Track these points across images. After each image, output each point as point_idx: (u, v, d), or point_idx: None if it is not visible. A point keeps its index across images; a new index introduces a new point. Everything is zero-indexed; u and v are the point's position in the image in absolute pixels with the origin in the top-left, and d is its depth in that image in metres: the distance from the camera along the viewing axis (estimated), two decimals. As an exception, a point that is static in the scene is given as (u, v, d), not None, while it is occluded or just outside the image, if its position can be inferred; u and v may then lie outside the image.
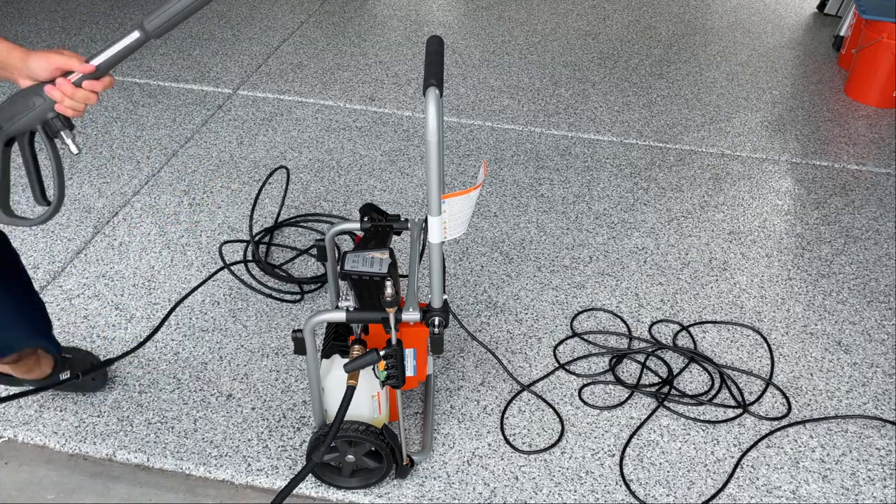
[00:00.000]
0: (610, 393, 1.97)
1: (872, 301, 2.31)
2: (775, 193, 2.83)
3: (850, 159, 3.06)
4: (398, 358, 1.43)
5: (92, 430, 1.80)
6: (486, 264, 2.39)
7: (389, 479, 1.70)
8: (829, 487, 1.75)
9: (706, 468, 1.78)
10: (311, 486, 1.69)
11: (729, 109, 3.40)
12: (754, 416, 1.91)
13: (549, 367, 2.03)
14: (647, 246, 2.51)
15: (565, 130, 3.17)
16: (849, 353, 2.12)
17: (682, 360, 2.07)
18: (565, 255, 2.44)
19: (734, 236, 2.57)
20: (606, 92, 3.50)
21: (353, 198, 2.67)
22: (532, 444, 1.82)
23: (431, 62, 1.29)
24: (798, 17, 4.49)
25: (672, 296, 2.29)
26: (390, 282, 1.38)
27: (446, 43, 3.89)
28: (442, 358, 2.03)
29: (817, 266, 2.45)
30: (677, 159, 3.01)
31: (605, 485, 1.73)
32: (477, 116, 3.25)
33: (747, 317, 2.22)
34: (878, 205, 2.78)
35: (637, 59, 3.85)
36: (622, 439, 1.84)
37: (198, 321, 2.12)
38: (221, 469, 1.72)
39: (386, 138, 3.05)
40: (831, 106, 3.48)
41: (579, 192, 2.77)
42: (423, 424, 1.84)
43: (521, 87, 3.50)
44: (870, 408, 1.95)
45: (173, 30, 1.18)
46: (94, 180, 2.71)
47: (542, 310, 2.22)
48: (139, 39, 1.18)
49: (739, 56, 3.94)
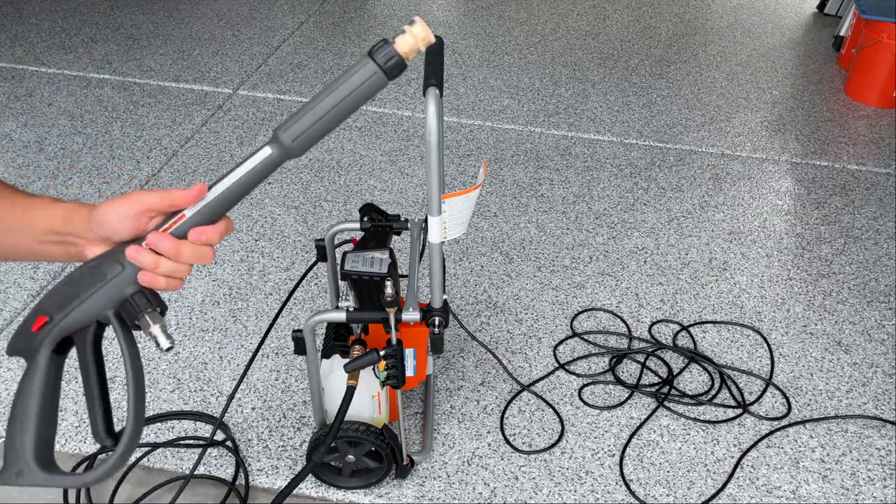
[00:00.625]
0: (610, 393, 1.97)
1: (872, 301, 2.31)
2: (775, 193, 2.83)
3: (850, 159, 3.06)
4: (398, 358, 1.43)
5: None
6: (486, 264, 2.39)
7: (389, 479, 1.70)
8: (829, 487, 1.75)
9: (706, 468, 1.78)
10: (312, 486, 1.69)
11: (729, 109, 3.40)
12: (754, 416, 1.91)
13: (549, 367, 2.03)
14: (647, 246, 2.51)
15: (565, 130, 3.17)
16: (849, 352, 2.12)
17: (682, 361, 2.07)
18: (565, 255, 2.44)
19: (734, 236, 2.57)
20: (606, 92, 3.50)
21: (353, 198, 2.67)
22: (532, 445, 1.82)
23: (431, 62, 1.29)
24: (798, 17, 4.49)
25: (672, 296, 2.29)
26: (390, 282, 1.38)
27: (446, 43, 3.88)
28: (442, 358, 2.03)
29: (817, 266, 2.45)
30: (677, 159, 3.01)
31: (605, 485, 1.73)
32: (477, 116, 3.25)
33: (747, 317, 2.22)
34: (878, 205, 2.78)
35: (637, 59, 3.85)
36: (622, 439, 1.84)
37: (198, 321, 2.12)
38: (222, 469, 1.72)
39: (386, 138, 3.05)
40: (831, 106, 3.48)
41: (579, 192, 2.77)
42: (423, 424, 1.84)
43: (521, 87, 3.50)
44: (870, 408, 1.95)
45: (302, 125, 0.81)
46: (94, 180, 2.71)
47: (542, 310, 2.22)
48: (273, 157, 0.80)
49: (739, 56, 3.94)
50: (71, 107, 3.17)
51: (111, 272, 0.77)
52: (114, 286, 0.77)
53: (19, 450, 0.77)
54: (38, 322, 0.77)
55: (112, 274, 0.77)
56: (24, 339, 0.78)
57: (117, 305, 0.78)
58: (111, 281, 0.77)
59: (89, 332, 0.78)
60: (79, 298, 0.77)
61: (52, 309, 0.77)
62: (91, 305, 0.77)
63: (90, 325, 0.78)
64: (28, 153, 2.85)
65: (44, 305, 0.78)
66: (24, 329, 0.79)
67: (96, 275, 0.77)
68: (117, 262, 0.77)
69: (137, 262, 0.76)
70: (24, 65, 3.50)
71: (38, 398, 0.77)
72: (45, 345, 0.78)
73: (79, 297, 0.77)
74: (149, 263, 0.76)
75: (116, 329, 0.78)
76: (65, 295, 0.77)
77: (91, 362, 0.79)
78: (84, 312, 0.77)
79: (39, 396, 0.78)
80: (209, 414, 1.84)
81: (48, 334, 0.77)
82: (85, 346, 0.79)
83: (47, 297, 0.78)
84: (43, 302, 0.78)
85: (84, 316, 0.77)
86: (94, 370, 0.80)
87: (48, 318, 0.77)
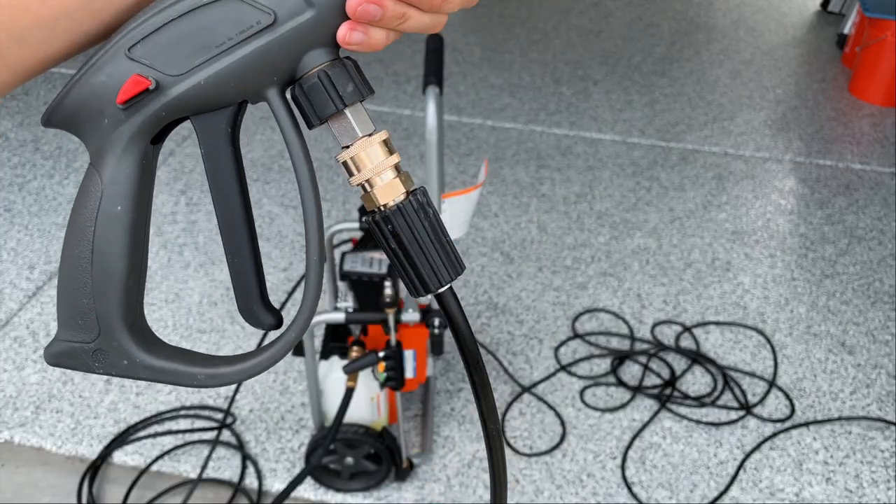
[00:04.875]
0: (612, 395, 1.95)
1: (877, 302, 2.29)
2: (779, 193, 2.81)
3: (854, 158, 3.04)
4: (397, 360, 1.42)
5: (89, 431, 1.78)
6: (486, 265, 2.37)
7: (389, 482, 1.68)
8: (833, 490, 1.73)
9: (709, 471, 1.76)
10: (310, 488, 1.67)
11: (732, 108, 3.38)
12: (757, 418, 1.89)
13: (550, 369, 2.01)
14: (650, 246, 2.49)
15: (567, 129, 3.15)
16: (853, 354, 2.10)
17: (685, 362, 2.05)
18: (567, 256, 2.42)
19: (737, 236, 2.55)
20: (608, 90, 3.48)
21: (353, 197, 2.65)
22: (533, 447, 1.80)
23: (431, 60, 1.27)
24: (801, 14, 4.47)
25: (675, 296, 2.27)
26: (389, 282, 1.36)
27: (446, 40, 3.86)
28: (442, 359, 2.02)
29: (821, 266, 2.43)
30: (680, 158, 2.99)
31: (607, 488, 1.72)
32: (477, 115, 3.23)
33: (750, 318, 2.21)
34: (882, 204, 2.76)
35: (639, 57, 3.83)
36: (624, 442, 1.82)
37: (195, 322, 2.11)
38: (219, 471, 1.71)
39: (386, 137, 3.03)
40: (835, 104, 3.46)
41: (581, 191, 2.75)
42: (423, 427, 1.82)
43: (522, 86, 3.48)
44: (873, 409, 1.93)
45: None
46: (92, 179, 2.70)
47: (544, 311, 2.20)
48: None
49: (742, 54, 3.91)
50: (69, 105, 3.15)
51: (282, 10, 0.40)
52: (286, 42, 0.41)
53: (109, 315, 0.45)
54: (136, 86, 0.41)
55: (280, 12, 0.40)
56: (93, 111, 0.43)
57: (292, 77, 0.43)
58: (280, 29, 0.40)
59: (222, 117, 0.43)
60: (214, 53, 0.41)
61: (160, 64, 0.41)
62: (237, 73, 0.41)
63: (230, 106, 0.43)
64: (24, 152, 2.84)
65: (139, 54, 0.41)
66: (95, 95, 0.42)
67: (241, 10, 0.40)
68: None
69: (357, 14, 0.40)
70: (23, 63, 3.48)
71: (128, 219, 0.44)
72: (138, 130, 0.43)
73: (214, 49, 0.41)
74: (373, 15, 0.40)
75: (280, 120, 0.43)
76: (181, 44, 0.41)
77: (230, 173, 0.44)
78: (226, 80, 0.41)
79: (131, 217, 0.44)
80: (215, 407, 1.83)
81: (150, 112, 0.42)
82: (217, 142, 0.44)
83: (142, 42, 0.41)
84: (137, 48, 0.41)
85: (225, 88, 0.42)
86: (236, 186, 0.45)
87: (153, 82, 0.41)
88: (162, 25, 0.40)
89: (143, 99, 0.42)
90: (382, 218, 0.44)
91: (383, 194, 0.45)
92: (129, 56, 0.41)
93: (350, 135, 0.44)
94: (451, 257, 0.46)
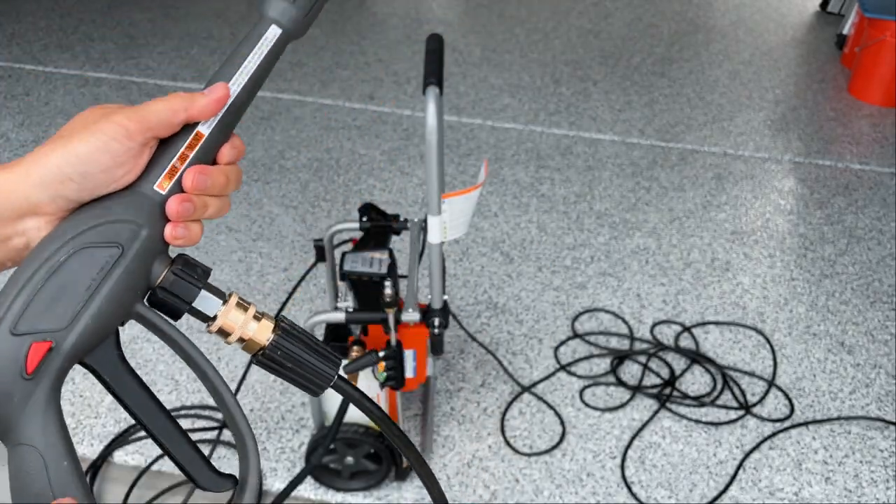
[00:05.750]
0: (611, 394, 1.95)
1: (876, 302, 2.29)
2: (778, 193, 2.81)
3: (853, 158, 3.04)
4: (397, 359, 1.42)
5: (90, 431, 1.78)
6: (486, 264, 2.37)
7: (388, 481, 1.68)
8: (832, 489, 1.74)
9: (708, 470, 1.77)
10: (311, 488, 1.67)
11: (731, 108, 3.39)
12: (757, 418, 1.89)
13: (550, 369, 2.01)
14: (649, 246, 2.49)
15: (566, 129, 3.15)
16: (852, 353, 2.10)
17: (685, 362, 2.05)
18: (566, 256, 2.43)
19: (737, 236, 2.56)
20: (608, 90, 3.48)
21: (353, 197, 2.65)
22: (533, 447, 1.80)
23: (431, 60, 1.28)
24: (801, 15, 4.47)
25: (674, 296, 2.27)
26: (390, 282, 1.36)
27: (446, 41, 3.86)
28: (442, 359, 2.02)
29: (820, 266, 2.44)
30: (679, 158, 2.99)
31: (607, 487, 1.72)
32: (477, 115, 3.23)
33: (750, 317, 2.21)
34: (881, 204, 2.76)
35: (639, 58, 3.83)
36: (624, 441, 1.83)
37: (195, 322, 2.10)
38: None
39: (385, 137, 3.03)
40: (834, 105, 3.46)
41: (580, 191, 2.75)
42: (423, 426, 1.82)
43: (522, 86, 3.49)
44: (873, 409, 1.94)
45: None
46: (92, 179, 2.70)
47: (543, 310, 2.20)
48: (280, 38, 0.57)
49: (742, 54, 3.92)
50: (68, 106, 3.15)
51: (123, 240, 0.48)
52: (137, 261, 0.48)
53: None
54: (39, 351, 0.45)
55: (123, 241, 0.48)
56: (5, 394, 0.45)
57: (148, 286, 0.50)
58: (129, 254, 0.48)
59: (110, 345, 0.50)
60: (86, 296, 0.47)
61: (46, 324, 0.46)
62: (110, 303, 0.47)
63: (110, 334, 0.49)
64: (25, 152, 2.83)
65: (23, 329, 0.45)
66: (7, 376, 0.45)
67: (93, 255, 0.47)
68: (118, 222, 0.48)
69: (179, 215, 0.49)
70: (22, 63, 3.48)
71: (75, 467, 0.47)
72: (51, 388, 0.46)
73: (85, 293, 0.46)
74: (190, 212, 0.50)
75: (157, 324, 0.51)
76: (56, 301, 0.46)
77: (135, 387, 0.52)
78: (105, 312, 0.47)
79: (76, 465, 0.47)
80: (216, 406, 1.83)
81: (55, 368, 0.46)
82: (115, 369, 0.51)
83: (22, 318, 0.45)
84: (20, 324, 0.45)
85: (108, 319, 0.48)
86: (143, 394, 0.53)
87: (52, 341, 0.46)
88: (34, 296, 0.46)
89: (46, 360, 0.46)
90: (271, 351, 0.53)
91: (260, 337, 0.53)
92: (14, 334, 0.45)
93: (213, 306, 0.54)
94: (328, 354, 0.54)
